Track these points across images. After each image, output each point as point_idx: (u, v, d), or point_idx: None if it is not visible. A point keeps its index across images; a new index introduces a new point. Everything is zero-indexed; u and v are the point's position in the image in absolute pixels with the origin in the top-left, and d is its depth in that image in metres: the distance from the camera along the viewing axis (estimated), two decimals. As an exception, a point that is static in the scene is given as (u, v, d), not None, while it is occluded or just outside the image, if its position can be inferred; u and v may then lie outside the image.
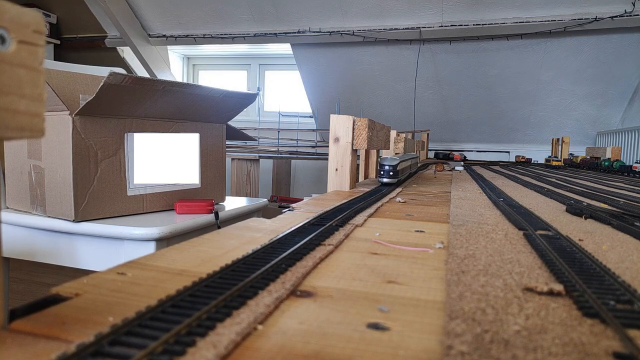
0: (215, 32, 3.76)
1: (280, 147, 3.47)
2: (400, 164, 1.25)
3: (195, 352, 0.26)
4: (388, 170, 1.20)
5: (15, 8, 0.28)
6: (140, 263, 0.46)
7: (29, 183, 1.05)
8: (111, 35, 4.15)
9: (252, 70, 4.87)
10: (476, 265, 0.46)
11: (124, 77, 0.88)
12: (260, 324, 0.31)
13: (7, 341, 0.28)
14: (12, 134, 0.28)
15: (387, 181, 1.22)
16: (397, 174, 1.22)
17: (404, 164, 1.34)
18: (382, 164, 1.21)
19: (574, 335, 0.30)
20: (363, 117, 1.23)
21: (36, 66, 0.29)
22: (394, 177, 1.21)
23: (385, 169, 1.21)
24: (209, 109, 1.18)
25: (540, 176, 1.94)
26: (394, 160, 1.21)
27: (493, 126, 3.85)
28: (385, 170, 1.21)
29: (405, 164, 1.38)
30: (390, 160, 1.22)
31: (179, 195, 1.18)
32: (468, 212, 0.84)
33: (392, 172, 1.20)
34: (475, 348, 0.27)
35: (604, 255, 0.53)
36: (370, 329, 0.31)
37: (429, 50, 3.39)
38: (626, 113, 3.45)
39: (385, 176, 1.21)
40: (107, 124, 1.00)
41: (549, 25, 2.99)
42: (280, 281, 0.40)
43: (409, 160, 1.48)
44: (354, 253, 0.53)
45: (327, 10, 3.34)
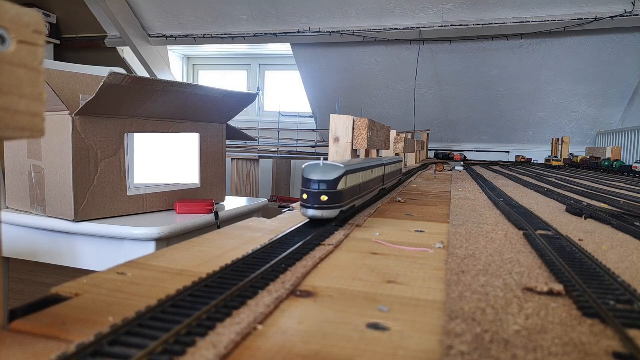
0: (215, 32, 3.76)
1: (280, 147, 3.47)
2: (346, 178, 0.63)
3: (195, 352, 0.26)
4: (317, 193, 0.59)
5: (15, 8, 0.28)
6: (140, 263, 0.46)
7: (29, 183, 1.05)
8: (111, 35, 4.15)
9: (252, 70, 4.87)
10: (476, 265, 0.46)
11: (124, 77, 0.88)
12: (260, 324, 0.31)
13: (7, 341, 0.28)
14: (12, 134, 0.28)
15: (317, 214, 0.60)
16: (338, 198, 0.61)
17: (357, 177, 0.70)
18: (308, 177, 0.60)
19: (574, 335, 0.30)
20: (363, 117, 1.23)
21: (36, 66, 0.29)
22: (331, 206, 0.60)
23: (311, 190, 0.60)
24: (209, 109, 1.18)
25: (540, 176, 1.94)
26: (334, 171, 0.61)
27: (493, 126, 3.85)
28: (312, 192, 0.60)
29: (363, 176, 0.75)
30: (325, 169, 0.61)
31: (179, 195, 1.18)
32: (468, 212, 0.84)
33: (328, 194, 0.60)
34: (475, 348, 0.27)
35: (604, 255, 0.53)
36: (370, 329, 0.31)
37: (429, 50, 3.39)
38: (626, 113, 3.45)
39: (312, 203, 0.60)
40: (107, 124, 1.00)
41: (549, 25, 2.99)
42: (280, 281, 0.40)
43: (373, 170, 0.85)
44: (354, 253, 0.53)
45: (327, 10, 3.34)
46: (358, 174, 0.71)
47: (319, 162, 0.61)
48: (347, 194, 0.64)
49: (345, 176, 0.62)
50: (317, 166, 0.61)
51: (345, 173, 0.62)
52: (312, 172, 0.60)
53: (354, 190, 0.69)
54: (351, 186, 0.66)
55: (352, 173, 0.66)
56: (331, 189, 0.59)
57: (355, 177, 0.69)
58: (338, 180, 0.60)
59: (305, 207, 0.60)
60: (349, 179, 0.64)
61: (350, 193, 0.66)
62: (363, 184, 0.77)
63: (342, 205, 0.62)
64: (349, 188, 0.65)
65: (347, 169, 0.63)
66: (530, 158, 3.66)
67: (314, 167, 0.60)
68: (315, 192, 0.59)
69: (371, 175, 0.85)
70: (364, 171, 0.76)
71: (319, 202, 0.59)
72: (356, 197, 0.72)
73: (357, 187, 0.72)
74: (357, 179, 0.71)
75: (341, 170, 0.61)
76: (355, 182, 0.69)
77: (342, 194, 0.62)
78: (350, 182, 0.66)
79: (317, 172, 0.60)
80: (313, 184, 0.59)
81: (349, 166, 0.65)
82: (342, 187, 0.61)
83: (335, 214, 0.61)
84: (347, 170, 0.63)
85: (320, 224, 0.62)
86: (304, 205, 0.60)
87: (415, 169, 2.32)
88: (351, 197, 0.67)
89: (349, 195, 0.66)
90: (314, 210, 0.59)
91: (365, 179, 0.78)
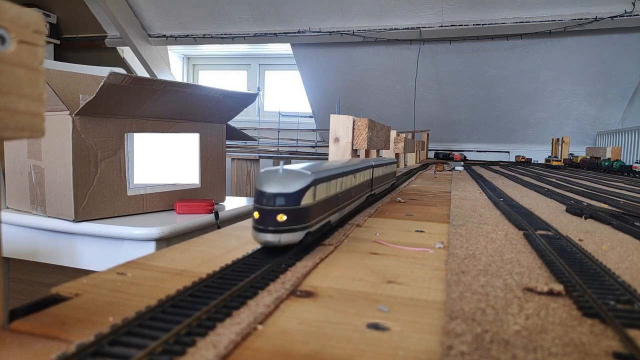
0: (215, 32, 3.76)
1: (280, 147, 3.48)
2: (315, 189, 0.49)
3: (195, 352, 0.26)
4: (272, 211, 0.44)
5: (15, 8, 0.28)
6: (140, 263, 0.46)
7: (29, 183, 1.05)
8: (111, 35, 4.15)
9: (252, 70, 4.87)
10: (476, 265, 0.46)
11: (124, 77, 0.88)
12: (260, 324, 0.31)
13: (7, 341, 0.28)
14: (12, 134, 0.28)
15: (271, 240, 0.44)
16: (302, 216, 0.46)
17: (332, 186, 0.57)
18: (261, 189, 0.45)
19: (574, 335, 0.30)
20: (363, 117, 1.23)
21: (36, 66, 0.29)
22: (292, 228, 0.45)
23: (264, 207, 0.45)
24: (209, 109, 1.18)
25: (540, 176, 1.94)
26: (297, 180, 0.46)
27: (493, 126, 3.85)
28: (266, 209, 0.45)
29: (341, 184, 0.61)
30: (284, 178, 0.46)
31: (179, 195, 1.18)
32: (468, 212, 0.84)
33: (288, 212, 0.45)
34: (475, 348, 0.27)
35: (604, 255, 0.53)
36: (370, 329, 0.31)
37: (429, 50, 3.39)
38: (626, 113, 3.45)
39: (266, 224, 0.45)
40: (107, 124, 1.00)
41: (549, 25, 2.99)
42: (280, 281, 0.40)
43: (356, 174, 0.71)
44: (354, 253, 0.53)
45: (327, 10, 3.34)
46: (334, 181, 0.57)
47: (279, 167, 0.47)
48: (316, 209, 0.49)
49: (313, 186, 0.47)
50: (275, 174, 0.46)
51: (312, 182, 0.47)
52: (266, 183, 0.45)
53: (328, 204, 0.55)
54: (323, 199, 0.52)
55: (324, 181, 0.51)
56: (292, 204, 0.44)
57: (329, 186, 0.54)
58: (302, 192, 0.45)
59: (257, 230, 0.44)
60: (320, 190, 0.50)
61: (321, 208, 0.51)
62: (342, 194, 0.62)
63: (308, 226, 0.47)
64: (319, 202, 0.50)
65: (317, 177, 0.48)
66: (530, 158, 3.66)
67: (270, 176, 0.45)
68: (270, 209, 0.44)
69: (354, 181, 0.69)
70: (342, 177, 0.62)
71: (275, 223, 0.44)
72: (331, 211, 0.57)
73: (333, 198, 0.57)
74: (332, 189, 0.56)
75: (307, 179, 0.46)
76: (329, 192, 0.54)
77: (309, 211, 0.46)
78: (322, 194, 0.51)
79: (274, 182, 0.45)
80: (267, 198, 0.44)
81: (320, 172, 0.51)
82: (308, 202, 0.46)
83: (299, 237, 0.45)
84: (317, 179, 0.48)
85: (279, 251, 0.47)
86: (256, 228, 0.44)
87: (415, 169, 2.32)
88: (323, 212, 0.53)
89: (320, 211, 0.51)
90: (268, 234, 0.44)
91: (345, 186, 0.63)
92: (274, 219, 0.44)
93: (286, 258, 0.46)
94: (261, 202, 0.45)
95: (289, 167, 0.48)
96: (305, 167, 0.49)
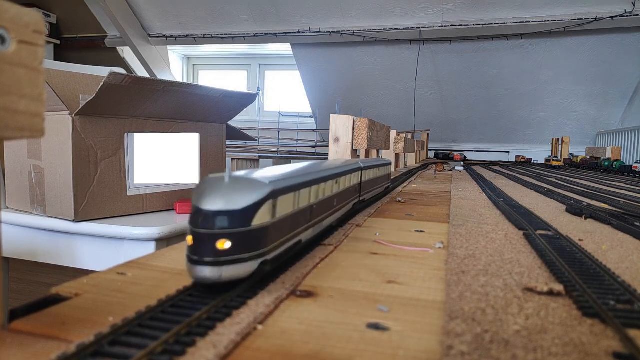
0: (215, 32, 3.76)
1: (280, 147, 3.48)
2: (274, 203, 0.37)
3: (195, 352, 0.26)
4: (210, 235, 0.33)
5: (15, 8, 0.28)
6: (140, 263, 0.46)
7: (29, 183, 1.05)
8: (111, 35, 4.15)
9: (252, 70, 4.87)
10: (476, 265, 0.46)
11: (124, 77, 0.88)
12: (260, 324, 0.31)
13: (7, 341, 0.28)
14: (12, 134, 0.28)
15: (209, 275, 0.33)
16: (255, 241, 0.35)
17: (301, 197, 0.44)
18: (197, 205, 0.34)
19: (574, 335, 0.30)
20: (363, 117, 1.23)
21: (36, 66, 0.29)
22: (240, 257, 0.34)
23: (200, 231, 0.33)
24: (209, 109, 1.18)
25: (540, 176, 1.94)
26: (247, 191, 0.35)
27: (493, 126, 3.85)
28: (202, 233, 0.33)
29: (314, 193, 0.49)
30: (230, 189, 0.34)
31: (179, 195, 1.18)
32: (468, 212, 0.84)
33: (233, 236, 0.33)
34: (475, 348, 0.27)
35: (604, 255, 0.53)
36: (370, 329, 0.31)
37: (429, 50, 3.39)
38: (626, 113, 3.45)
39: (201, 254, 0.33)
40: (107, 124, 1.00)
41: (549, 25, 2.99)
42: (280, 281, 0.40)
43: (339, 179, 0.61)
44: (354, 253, 0.53)
45: (327, 10, 3.34)
46: (305, 190, 0.45)
47: (223, 174, 0.35)
48: (276, 230, 0.37)
49: (272, 200, 0.36)
50: (218, 183, 0.34)
51: (271, 194, 0.35)
52: (205, 196, 0.33)
53: (296, 219, 0.43)
54: (288, 214, 0.40)
55: (289, 191, 0.40)
56: (239, 225, 0.33)
57: (297, 197, 0.42)
58: (254, 208, 0.34)
59: (190, 262, 0.33)
60: (283, 203, 0.38)
61: (284, 226, 0.39)
62: (318, 205, 0.50)
63: (263, 253, 0.35)
64: (281, 219, 0.38)
65: (277, 187, 0.37)
66: (530, 158, 3.66)
67: (211, 186, 0.34)
68: (207, 233, 0.32)
69: (335, 187, 0.58)
70: (318, 184, 0.49)
71: (214, 251, 0.32)
72: (301, 228, 0.44)
73: (304, 212, 0.45)
74: (302, 199, 0.44)
75: (262, 190, 0.35)
76: (297, 204, 0.42)
77: (265, 233, 0.35)
78: (286, 208, 0.39)
79: (215, 194, 0.33)
80: (204, 218, 0.33)
81: (284, 180, 0.39)
82: (263, 221, 0.34)
83: (249, 269, 0.34)
84: (277, 190, 0.37)
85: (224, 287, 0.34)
86: (189, 258, 0.33)
87: (415, 169, 2.32)
88: (288, 231, 0.41)
89: (282, 231, 0.39)
90: (205, 267, 0.32)
91: (322, 195, 0.51)
92: (213, 246, 0.32)
93: (234, 296, 0.34)
94: (196, 223, 0.33)
95: (241, 173, 0.37)
96: (264, 173, 0.38)
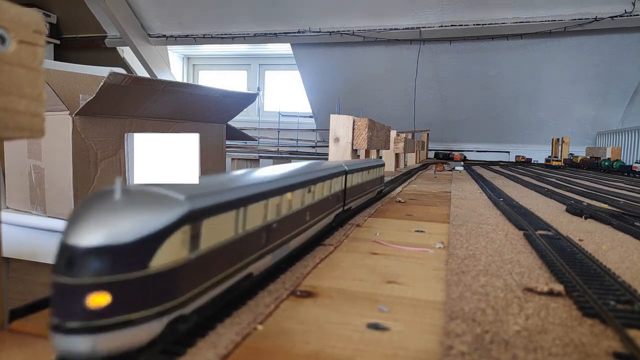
0: (215, 32, 3.76)
1: (280, 147, 3.48)
2: (195, 229, 0.26)
3: (195, 352, 0.26)
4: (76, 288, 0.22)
5: (15, 8, 0.28)
6: (140, 263, 0.46)
7: (29, 183, 1.05)
8: (111, 35, 4.15)
9: (252, 70, 4.87)
10: (476, 265, 0.46)
11: (124, 77, 0.88)
12: (260, 324, 0.31)
13: (7, 341, 0.28)
14: (12, 134, 0.28)
15: (84, 349, 0.22)
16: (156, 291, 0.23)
17: (249, 216, 0.32)
18: (65, 241, 0.23)
19: (574, 335, 0.30)
20: (363, 117, 1.23)
21: (36, 66, 0.29)
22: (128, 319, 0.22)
23: (64, 280, 0.22)
24: (209, 109, 1.18)
25: (540, 176, 1.94)
26: (148, 213, 0.23)
27: (493, 126, 3.85)
28: (66, 283, 0.22)
29: (272, 208, 0.37)
30: (120, 210, 0.23)
31: (179, 195, 1.18)
32: (468, 212, 0.84)
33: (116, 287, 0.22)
34: (475, 348, 0.27)
35: (604, 255, 0.53)
36: (370, 329, 0.31)
37: (429, 50, 3.39)
38: (626, 113, 3.45)
39: (64, 315, 0.22)
40: (107, 124, 1.00)
41: (549, 25, 2.99)
42: (280, 281, 0.40)
43: (313, 186, 0.49)
44: (354, 253, 0.53)
45: (327, 10, 3.34)
46: (256, 206, 0.34)
47: (115, 187, 0.25)
48: (198, 269, 0.27)
49: (189, 225, 0.26)
50: (103, 202, 0.24)
51: (186, 217, 0.25)
52: (76, 223, 0.24)
53: (236, 250, 0.31)
54: (221, 244, 0.29)
55: (222, 211, 0.29)
56: (127, 267, 0.23)
57: (238, 216, 0.31)
58: (154, 240, 0.23)
59: (50, 327, 0.23)
60: (213, 228, 0.28)
61: (214, 263, 0.29)
62: (278, 224, 0.38)
63: (171, 308, 0.25)
64: (208, 252, 0.28)
65: (199, 205, 0.27)
66: (530, 158, 3.66)
67: (91, 208, 0.24)
68: (72, 284, 0.23)
69: (306, 198, 0.45)
70: (277, 196, 0.37)
71: (83, 311, 0.22)
72: (246, 261, 0.33)
73: (250, 238, 0.33)
74: (248, 220, 0.32)
75: (170, 212, 0.25)
76: (240, 228, 0.31)
77: (175, 277, 0.25)
78: (218, 234, 0.29)
79: (90, 220, 0.23)
80: (68, 258, 0.23)
81: (214, 194, 0.29)
82: (171, 258, 0.24)
83: (148, 334, 0.24)
84: (199, 209, 0.27)
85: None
86: (50, 325, 0.23)
87: (415, 169, 2.32)
88: (222, 268, 0.30)
89: (211, 269, 0.29)
90: (67, 336, 0.22)
91: (287, 209, 0.40)
92: (81, 303, 0.22)
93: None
94: (58, 267, 0.23)
95: (148, 184, 0.27)
96: (189, 184, 0.29)
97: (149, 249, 0.23)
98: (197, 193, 0.27)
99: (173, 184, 0.28)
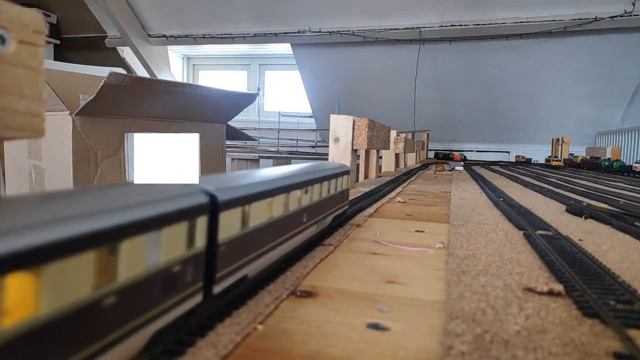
0: (215, 32, 3.76)
1: (280, 147, 3.48)
2: None
3: (195, 352, 0.26)
4: None
5: (15, 8, 0.28)
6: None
7: (29, 183, 1.05)
8: (111, 35, 4.16)
9: (252, 70, 4.87)
10: (476, 265, 0.46)
11: (124, 77, 0.88)
12: (260, 324, 0.31)
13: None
14: (12, 134, 0.28)
15: None
16: None
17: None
18: None
19: (574, 335, 0.30)
20: (363, 117, 1.23)
21: (36, 66, 0.29)
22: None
23: None
24: (209, 109, 1.18)
25: (540, 176, 1.94)
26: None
27: (493, 126, 3.85)
28: None
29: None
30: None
31: (179, 195, 1.18)
32: (468, 212, 0.84)
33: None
34: (475, 348, 0.27)
35: (604, 255, 0.53)
36: (370, 329, 0.31)
37: (429, 50, 3.39)
38: (626, 113, 3.45)
39: None
40: (107, 124, 1.00)
41: (549, 25, 2.99)
42: (280, 281, 0.40)
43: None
44: (354, 253, 0.53)
45: (327, 10, 3.34)
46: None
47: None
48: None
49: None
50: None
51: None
52: None
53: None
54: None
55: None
56: None
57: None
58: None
59: None
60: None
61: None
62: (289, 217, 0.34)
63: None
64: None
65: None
66: (530, 158, 3.66)
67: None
68: None
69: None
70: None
71: None
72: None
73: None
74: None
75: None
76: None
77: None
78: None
79: None
80: None
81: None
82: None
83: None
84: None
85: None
86: None
87: (415, 169, 2.32)
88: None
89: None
90: None
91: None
92: None
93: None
94: None
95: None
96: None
97: None
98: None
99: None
